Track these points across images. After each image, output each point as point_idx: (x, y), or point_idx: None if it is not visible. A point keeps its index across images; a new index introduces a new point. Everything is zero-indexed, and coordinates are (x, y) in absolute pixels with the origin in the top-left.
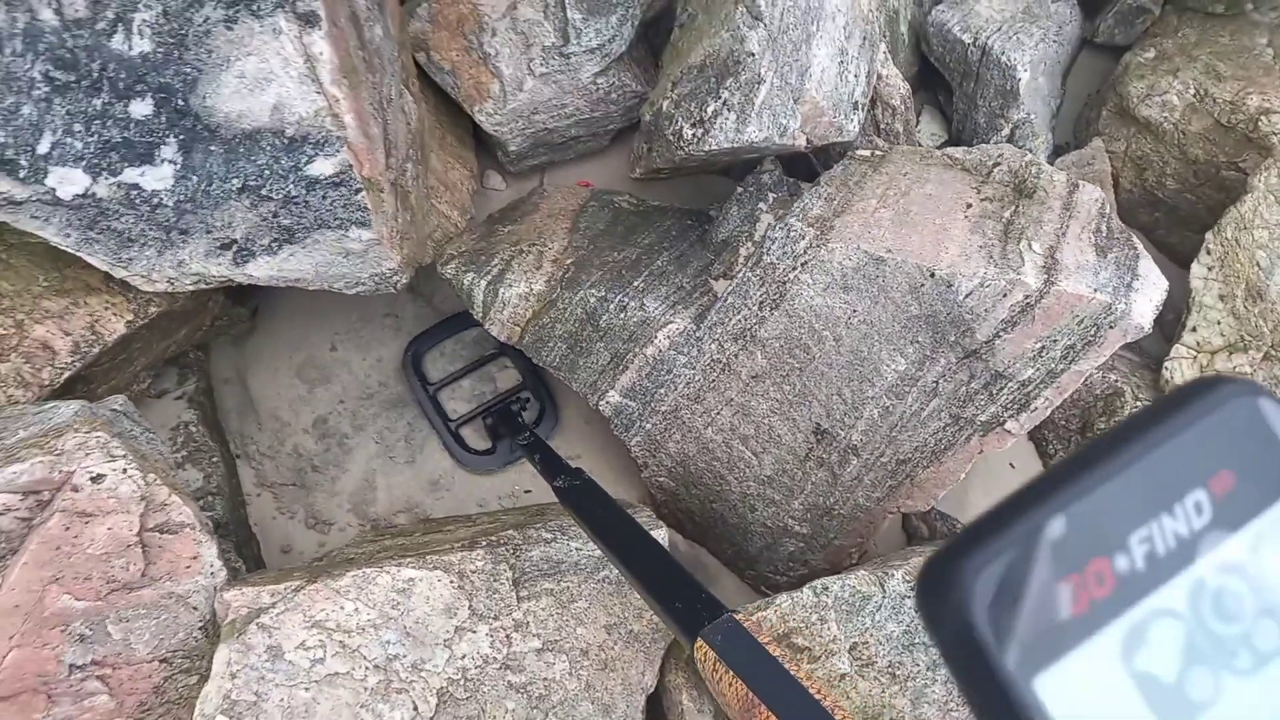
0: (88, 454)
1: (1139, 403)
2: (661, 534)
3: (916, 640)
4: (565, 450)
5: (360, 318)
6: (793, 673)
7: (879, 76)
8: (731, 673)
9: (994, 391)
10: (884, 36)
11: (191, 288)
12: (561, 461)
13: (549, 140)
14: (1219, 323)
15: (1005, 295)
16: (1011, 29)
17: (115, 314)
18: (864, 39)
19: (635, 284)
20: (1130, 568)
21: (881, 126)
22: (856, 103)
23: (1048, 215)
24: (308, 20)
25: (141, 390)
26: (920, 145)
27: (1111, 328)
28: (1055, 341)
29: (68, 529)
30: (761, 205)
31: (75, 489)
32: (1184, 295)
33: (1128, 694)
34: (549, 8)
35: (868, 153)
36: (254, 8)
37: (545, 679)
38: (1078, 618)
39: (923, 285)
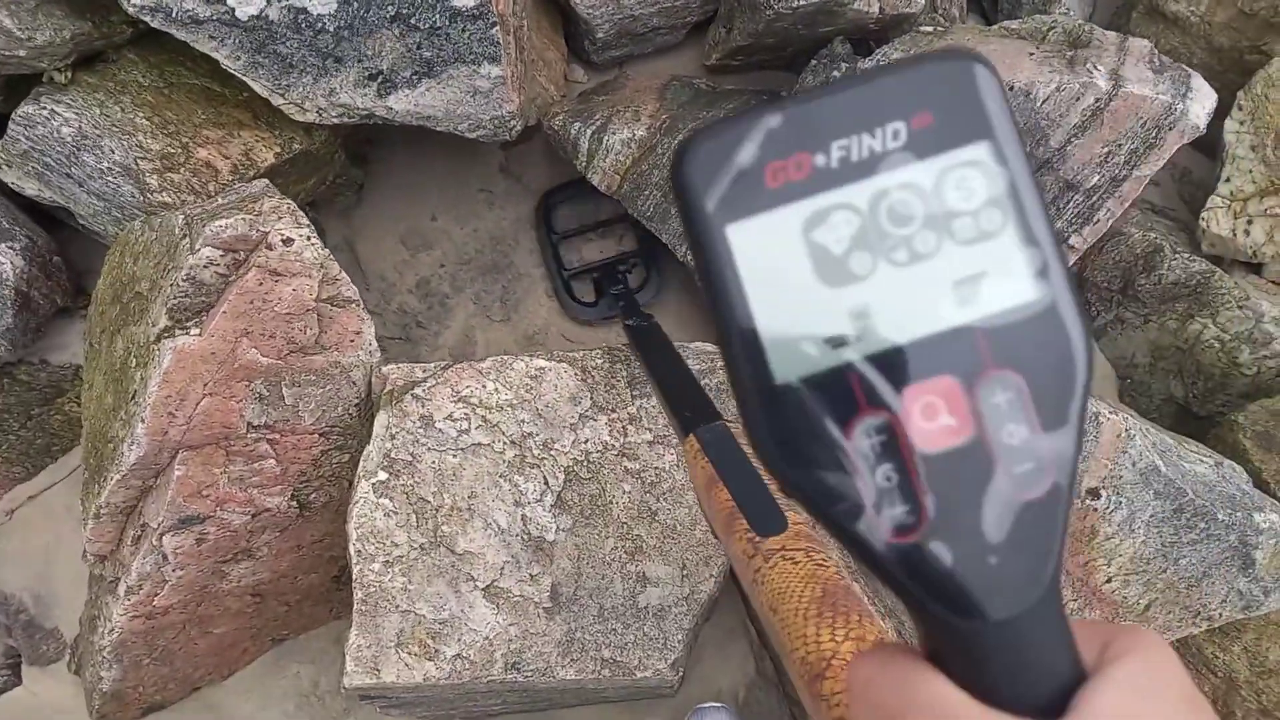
0: (280, 218)
1: (1178, 256)
2: None
3: None
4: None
5: (457, 194)
6: (755, 465)
7: None
8: (705, 457)
9: (1061, 205)
10: None
11: (336, 120)
12: (639, 309)
13: (632, 29)
14: (1250, 171)
15: (1078, 99)
16: None
17: (265, 146)
18: None
19: None
20: (826, 164)
21: (939, 8)
22: None
23: (1105, 53)
24: None
25: None
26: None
27: (1171, 129)
28: (1120, 146)
29: (261, 284)
30: (835, 73)
31: (270, 247)
32: (1217, 152)
33: (799, 254)
34: None
35: (930, 28)
36: None
37: (656, 468)
38: (773, 190)
39: None
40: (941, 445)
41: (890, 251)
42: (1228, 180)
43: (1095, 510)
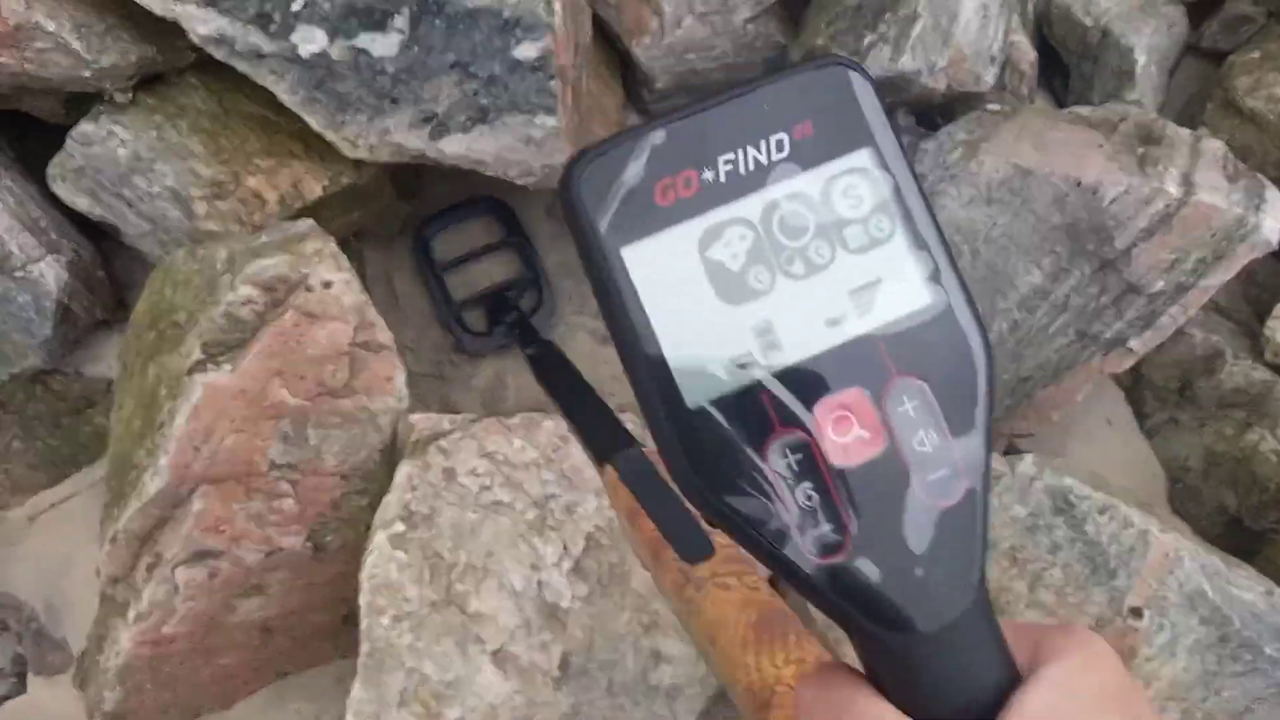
0: (321, 261)
1: (1239, 363)
2: None
3: (1040, 524)
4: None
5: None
6: (675, 491)
7: (1012, 42)
8: (624, 487)
9: (1122, 307)
10: (1017, 7)
11: (387, 158)
12: (536, 335)
13: (692, 82)
14: None
15: (1148, 203)
16: (1130, 18)
17: (314, 178)
18: (1003, 2)
19: None
20: (715, 179)
21: (1008, 88)
22: (993, 56)
23: (1177, 153)
24: None
25: None
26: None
27: (1242, 241)
28: (1188, 254)
29: (296, 326)
30: None
31: (309, 289)
32: None
33: (697, 273)
34: None
35: (997, 106)
36: None
37: None
38: (665, 208)
39: (1068, 195)
40: (857, 459)
41: (786, 264)
42: None
43: (1137, 630)
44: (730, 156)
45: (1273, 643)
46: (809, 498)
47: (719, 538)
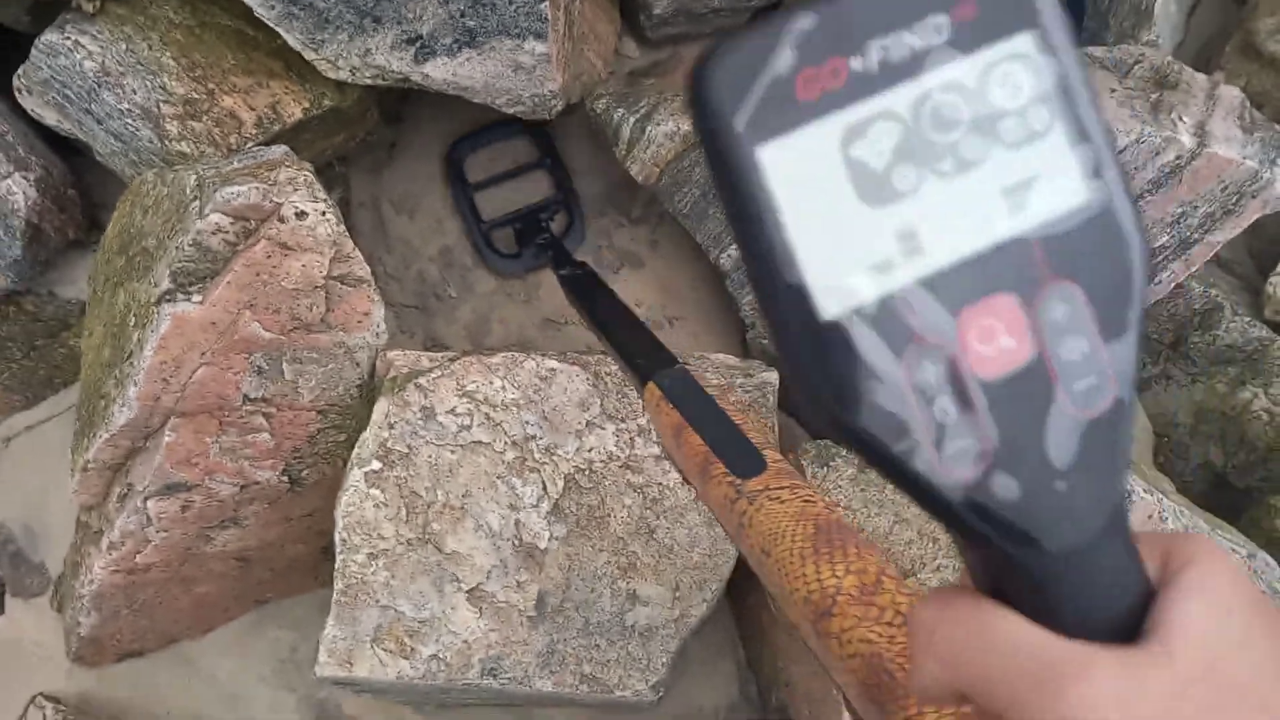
0: (295, 189)
1: (1237, 319)
2: (772, 376)
3: None
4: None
5: (491, 162)
6: (721, 406)
7: None
8: (669, 404)
9: None
10: None
11: (369, 81)
12: (570, 257)
13: (691, 8)
14: None
15: (1158, 154)
16: None
17: (294, 100)
18: None
19: None
20: (864, 68)
21: None
22: None
23: (1193, 100)
24: None
25: None
26: None
27: (1254, 197)
28: (1196, 208)
29: (269, 257)
30: None
31: (281, 219)
32: None
33: (838, 173)
34: None
35: None
36: None
37: (660, 484)
38: (808, 103)
39: None
40: (1001, 370)
41: (935, 162)
42: None
43: None
44: (883, 41)
45: None
46: (947, 412)
47: (770, 453)
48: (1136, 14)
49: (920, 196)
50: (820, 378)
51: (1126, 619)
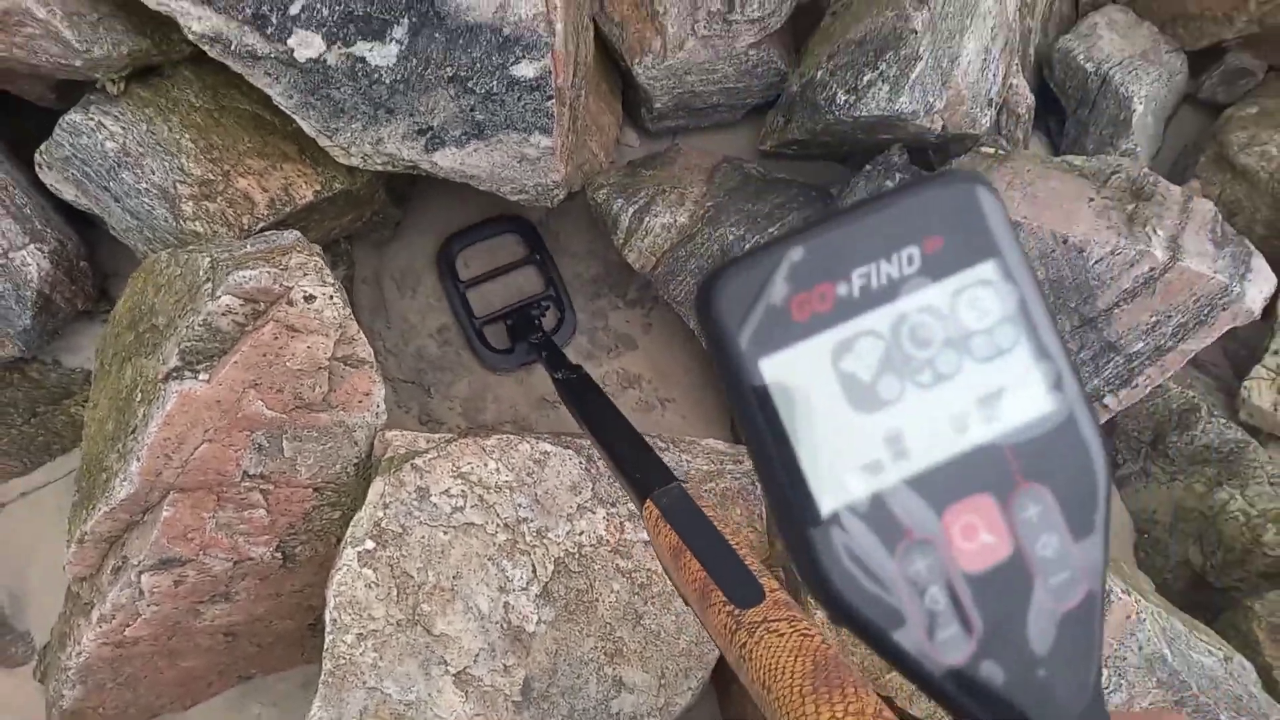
0: (305, 274)
1: (1214, 420)
2: None
3: None
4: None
5: (492, 246)
6: (720, 530)
7: (1011, 85)
8: (668, 524)
9: (1100, 364)
10: (1019, 50)
11: (380, 168)
12: (565, 359)
13: (690, 104)
14: None
15: (1133, 265)
16: (1131, 65)
17: (306, 183)
18: (1005, 44)
19: (771, 231)
20: (848, 294)
21: (1004, 131)
22: (991, 100)
23: (1167, 213)
24: None
25: None
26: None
27: (1224, 310)
28: (1169, 318)
29: (276, 339)
30: (888, 182)
31: (290, 303)
32: (1267, 325)
33: (831, 384)
34: None
35: (992, 150)
36: None
37: (649, 569)
38: (801, 323)
39: (1054, 250)
40: (983, 564)
41: (915, 374)
42: (1275, 353)
43: None
44: (864, 270)
45: (1228, 710)
46: (937, 601)
47: (768, 582)
48: (1115, 124)
49: (904, 404)
50: (820, 565)
51: None
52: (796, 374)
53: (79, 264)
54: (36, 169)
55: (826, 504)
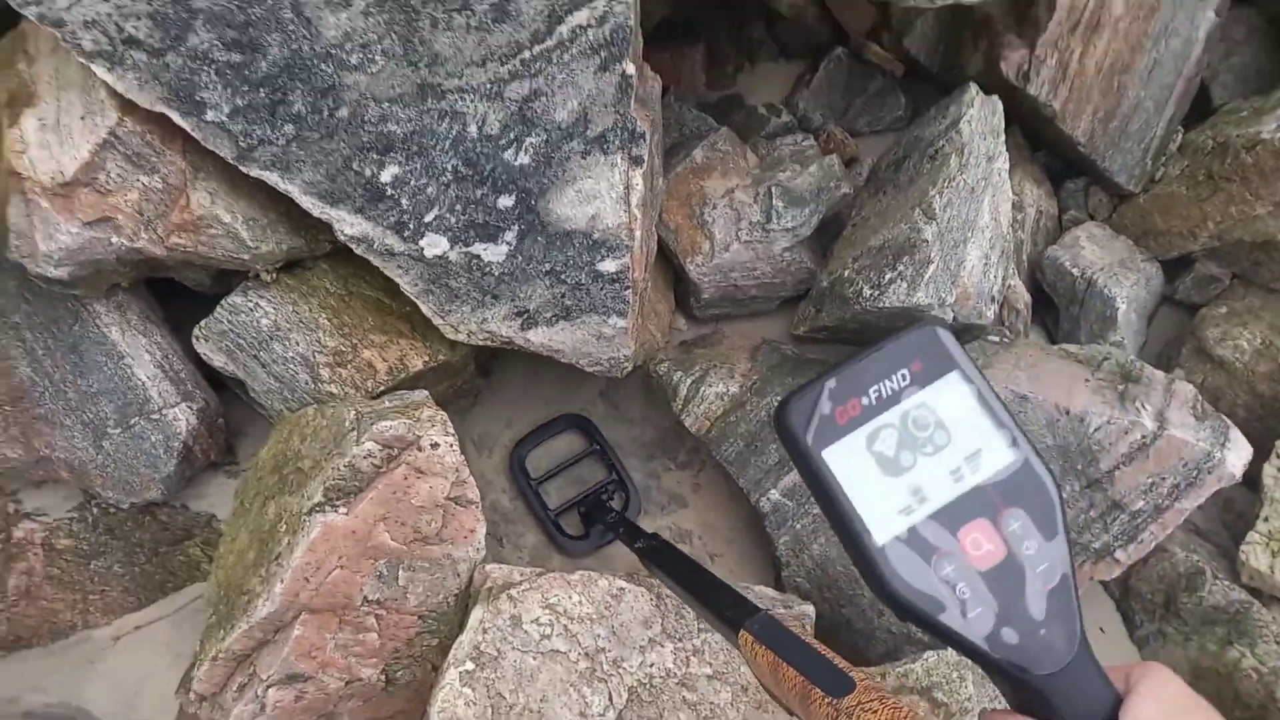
0: (433, 426)
1: (1218, 582)
2: (809, 609)
3: None
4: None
5: (560, 412)
6: (814, 646)
7: (1009, 285)
8: (764, 646)
9: (1108, 521)
10: (1014, 256)
11: (480, 342)
12: (641, 530)
13: (733, 295)
14: None
15: (1127, 433)
16: (1112, 270)
17: (417, 354)
18: (1002, 252)
19: None
20: (869, 403)
21: (1006, 323)
22: (994, 297)
23: (1153, 392)
24: (636, 161)
25: None
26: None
27: (1209, 473)
28: (1164, 479)
29: (405, 479)
30: None
31: (419, 449)
32: (1256, 494)
33: (869, 461)
34: (759, 196)
35: (997, 338)
36: (604, 146)
37: (712, 702)
38: (843, 425)
39: (1059, 420)
40: (990, 564)
41: (921, 447)
42: (1266, 520)
43: None
44: (876, 387)
45: None
46: (964, 592)
47: (857, 673)
48: (1103, 320)
49: (918, 468)
50: (884, 579)
51: (1103, 716)
52: (846, 457)
53: (217, 421)
54: (194, 341)
55: (879, 538)
